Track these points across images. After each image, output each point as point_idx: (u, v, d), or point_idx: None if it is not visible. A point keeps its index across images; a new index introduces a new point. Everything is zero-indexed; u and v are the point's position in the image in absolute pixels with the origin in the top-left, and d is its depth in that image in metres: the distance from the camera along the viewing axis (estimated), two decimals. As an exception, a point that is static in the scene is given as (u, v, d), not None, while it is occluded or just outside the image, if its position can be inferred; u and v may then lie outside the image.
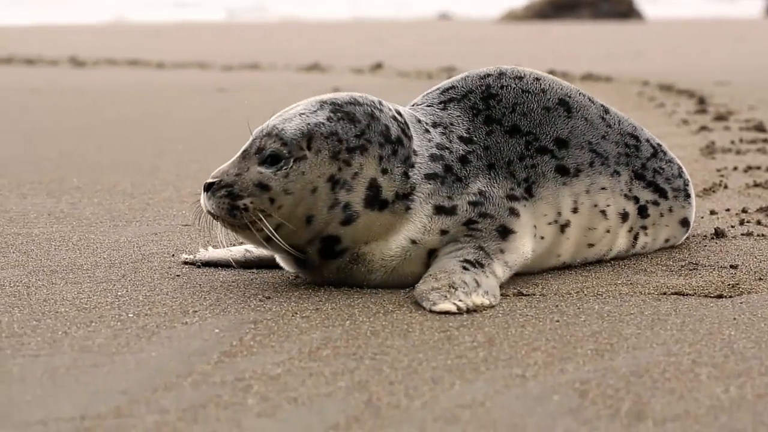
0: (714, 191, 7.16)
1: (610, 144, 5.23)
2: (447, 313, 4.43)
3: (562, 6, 36.12)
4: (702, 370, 3.76)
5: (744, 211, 6.45)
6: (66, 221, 6.36)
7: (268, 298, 4.68)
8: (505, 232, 4.82)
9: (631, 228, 5.29)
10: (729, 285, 4.86)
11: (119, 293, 4.76)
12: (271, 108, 5.11)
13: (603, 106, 5.34)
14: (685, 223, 5.52)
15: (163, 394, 3.55)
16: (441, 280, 4.59)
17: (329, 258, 4.73)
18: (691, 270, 5.13)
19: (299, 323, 4.32)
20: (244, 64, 17.84)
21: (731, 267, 5.17)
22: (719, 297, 4.70)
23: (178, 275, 5.09)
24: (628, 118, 5.45)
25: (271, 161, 4.62)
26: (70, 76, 16.21)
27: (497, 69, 5.19)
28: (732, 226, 6.05)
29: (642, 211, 5.32)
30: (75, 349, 4.00)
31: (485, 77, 5.14)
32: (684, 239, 5.61)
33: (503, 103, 5.07)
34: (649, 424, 3.30)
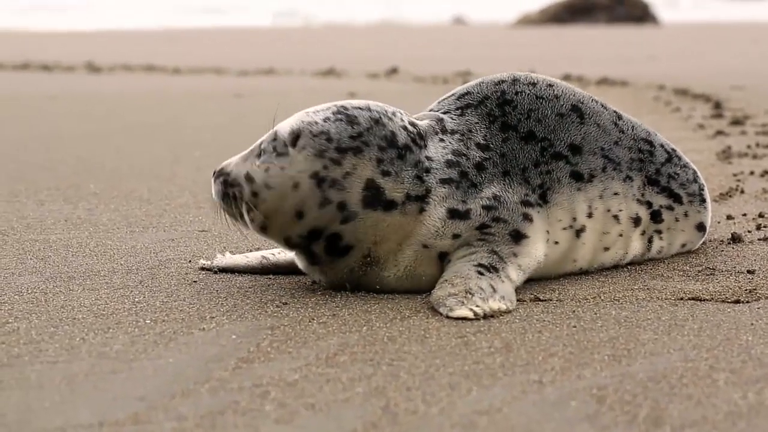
0: (730, 196, 7.14)
1: (622, 150, 5.24)
2: (464, 319, 4.43)
3: (578, 10, 36.11)
4: (719, 376, 3.75)
5: (761, 215, 6.43)
6: (83, 227, 6.39)
7: (285, 304, 4.69)
8: (518, 236, 4.83)
9: (644, 232, 5.29)
10: (746, 290, 4.85)
11: (136, 299, 4.77)
12: (287, 113, 5.12)
13: (616, 112, 5.34)
14: (701, 227, 5.51)
15: (181, 400, 3.56)
16: (457, 285, 4.59)
17: (336, 255, 4.76)
18: (708, 275, 5.13)
19: (316, 329, 4.32)
20: (260, 69, 17.87)
21: (748, 272, 5.16)
22: (736, 302, 4.69)
23: (195, 281, 5.10)
24: (642, 124, 5.44)
25: (261, 156, 4.73)
26: (87, 82, 16.26)
27: (511, 75, 5.20)
28: (749, 231, 6.04)
29: (655, 216, 5.32)
30: (93, 355, 4.02)
31: (500, 83, 5.15)
32: (700, 244, 5.61)
33: (519, 109, 5.08)
34: (667, 430, 3.30)
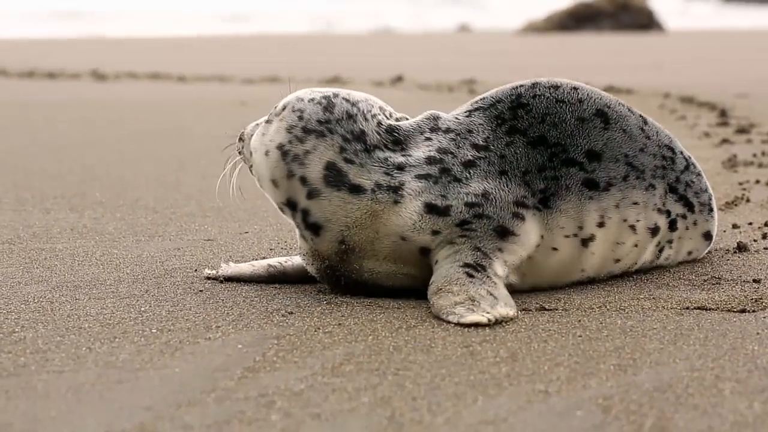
0: (736, 205, 7.13)
1: (647, 156, 5.19)
2: (477, 325, 4.44)
3: (583, 17, 36.08)
4: (725, 386, 3.75)
5: (767, 224, 6.42)
6: (89, 236, 6.39)
7: (291, 313, 4.69)
8: (504, 232, 4.83)
9: (659, 242, 5.27)
10: (752, 299, 4.85)
11: (142, 309, 4.78)
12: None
13: (642, 116, 5.29)
14: (708, 236, 5.50)
15: (187, 410, 3.57)
16: (459, 294, 4.61)
17: (312, 233, 4.89)
18: (713, 284, 5.12)
19: (322, 338, 4.33)
20: (265, 77, 17.88)
21: (754, 281, 5.16)
22: (742, 311, 4.69)
23: (200, 290, 5.10)
24: (663, 129, 5.39)
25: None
26: (92, 89, 16.28)
27: (532, 80, 5.18)
28: (755, 240, 6.03)
29: (672, 225, 5.30)
30: (99, 365, 4.02)
31: (518, 87, 5.14)
32: (706, 252, 5.60)
33: (533, 113, 5.05)
34: (673, 440, 3.30)
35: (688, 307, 4.75)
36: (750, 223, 6.50)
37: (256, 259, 5.60)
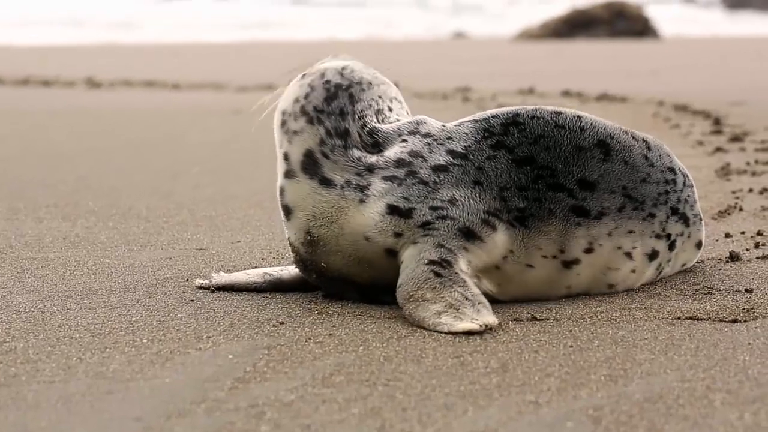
0: (729, 213, 7.13)
1: (650, 186, 5.14)
2: (469, 333, 4.45)
3: (578, 24, 36.09)
4: (716, 396, 3.75)
5: (759, 233, 6.42)
6: (81, 245, 6.39)
7: (282, 323, 4.69)
8: (471, 235, 4.82)
9: (660, 264, 5.25)
10: (744, 309, 4.85)
11: (133, 319, 4.77)
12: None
13: (645, 141, 5.22)
14: (699, 245, 5.49)
15: (177, 420, 3.56)
16: (435, 301, 4.61)
17: (284, 214, 5.01)
18: (705, 294, 5.12)
19: (312, 349, 4.32)
20: (259, 84, 17.88)
21: (746, 291, 5.16)
22: (734, 322, 4.69)
23: (192, 300, 5.10)
24: (663, 145, 5.34)
25: None
26: (87, 97, 16.27)
27: (537, 106, 5.15)
28: (747, 249, 6.03)
29: (671, 246, 5.28)
30: (89, 375, 4.02)
31: (520, 108, 5.12)
32: (696, 260, 5.58)
33: (525, 133, 5.01)
34: (663, 451, 3.30)
35: (679, 317, 4.75)
36: (743, 232, 6.49)
37: (247, 268, 5.60)
